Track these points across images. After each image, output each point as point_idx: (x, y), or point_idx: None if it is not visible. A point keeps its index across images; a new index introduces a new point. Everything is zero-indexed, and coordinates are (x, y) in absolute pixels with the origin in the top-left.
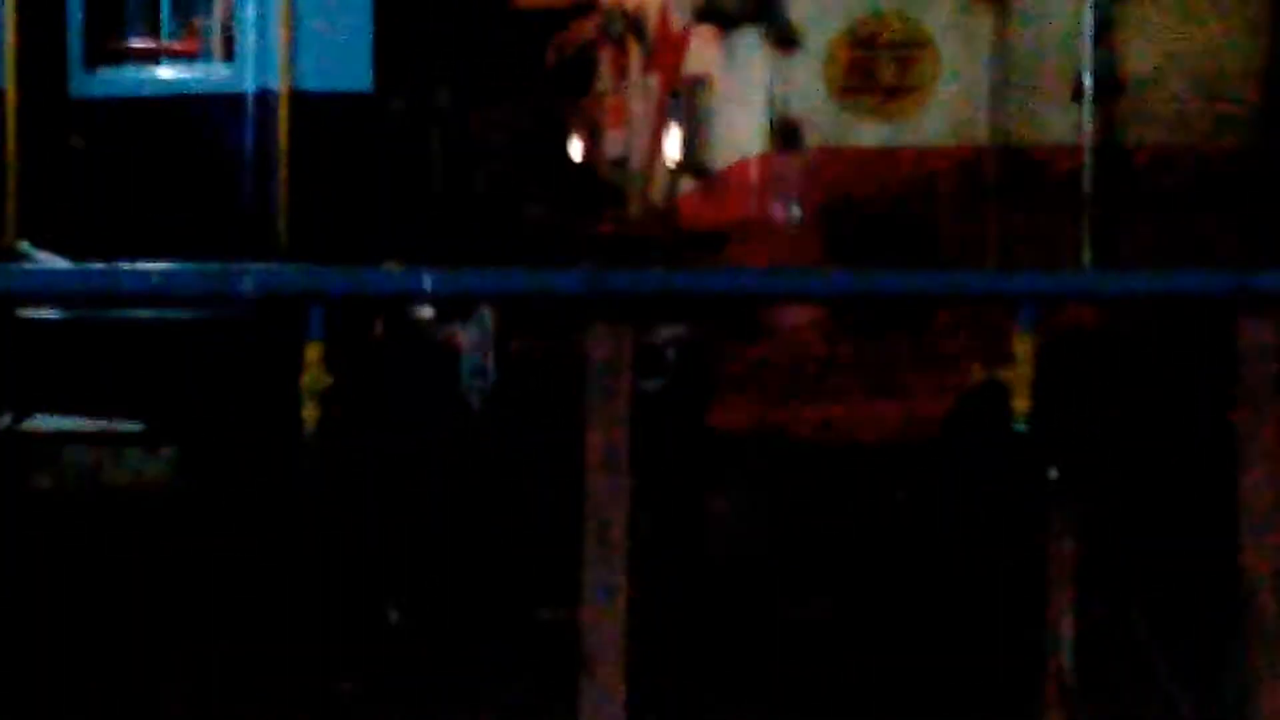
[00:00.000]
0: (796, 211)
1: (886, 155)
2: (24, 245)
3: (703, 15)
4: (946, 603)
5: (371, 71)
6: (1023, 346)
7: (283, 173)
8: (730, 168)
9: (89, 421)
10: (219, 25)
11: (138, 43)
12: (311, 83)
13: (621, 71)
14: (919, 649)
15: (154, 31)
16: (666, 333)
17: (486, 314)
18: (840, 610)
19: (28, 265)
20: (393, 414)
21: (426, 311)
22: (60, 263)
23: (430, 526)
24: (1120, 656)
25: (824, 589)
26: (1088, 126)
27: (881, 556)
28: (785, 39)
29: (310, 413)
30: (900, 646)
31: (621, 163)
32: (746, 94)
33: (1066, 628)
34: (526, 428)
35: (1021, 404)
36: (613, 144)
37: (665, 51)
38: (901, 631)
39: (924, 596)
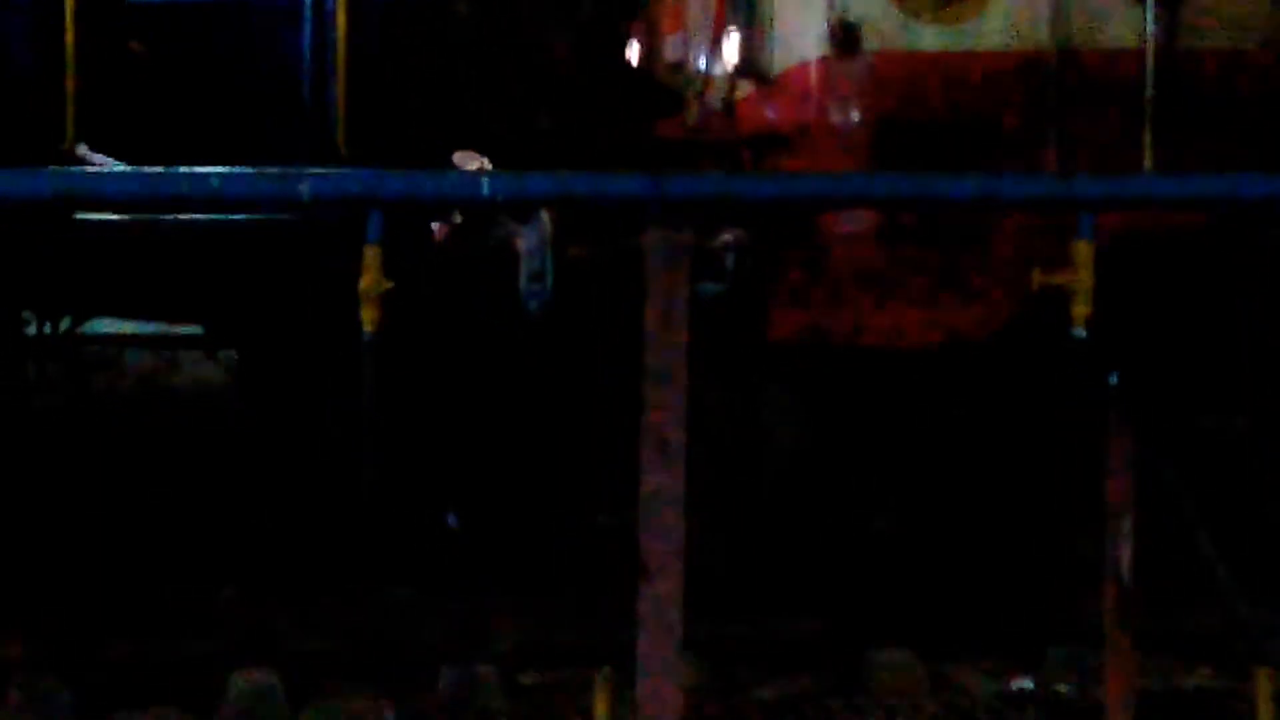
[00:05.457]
0: (855, 116)
1: (946, 59)
2: (82, 148)
3: None
4: (1004, 510)
5: None
6: (1083, 253)
7: (341, 77)
8: (788, 72)
9: (148, 325)
10: None
11: None
12: None
13: None
14: (978, 557)
15: None
16: (725, 237)
17: (545, 218)
18: (898, 519)
19: (86, 169)
20: (453, 318)
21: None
22: (119, 166)
23: (490, 432)
24: (1182, 567)
25: (882, 495)
26: (1151, 29)
27: (940, 464)
28: None
29: (369, 316)
30: (959, 556)
31: (680, 66)
32: None
33: (1127, 535)
34: (585, 333)
35: (1081, 310)
36: (671, 47)
37: None
38: (960, 540)
39: (981, 504)
